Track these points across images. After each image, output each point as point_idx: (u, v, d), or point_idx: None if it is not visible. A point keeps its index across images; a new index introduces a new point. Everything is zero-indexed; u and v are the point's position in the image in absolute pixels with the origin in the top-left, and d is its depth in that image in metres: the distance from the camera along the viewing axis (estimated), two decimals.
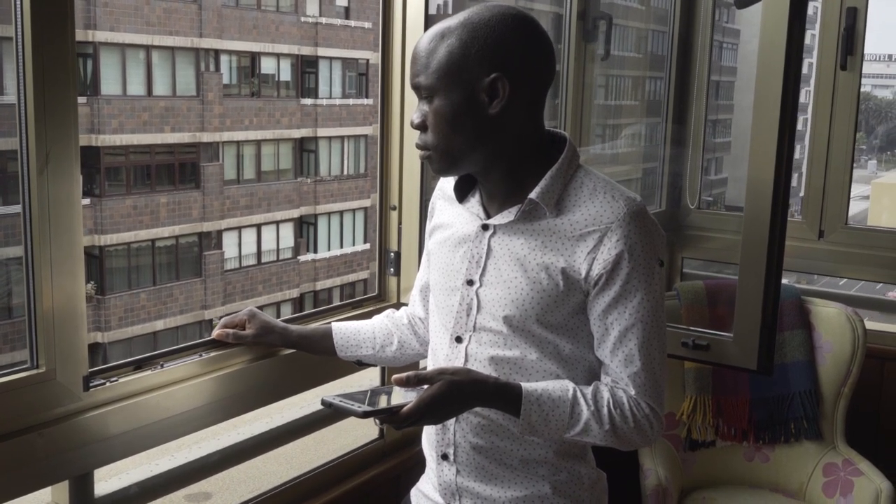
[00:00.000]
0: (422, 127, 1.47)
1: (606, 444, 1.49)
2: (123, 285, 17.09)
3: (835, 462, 2.81)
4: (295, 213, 20.03)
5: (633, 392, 1.46)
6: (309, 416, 2.16)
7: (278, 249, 19.82)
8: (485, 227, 1.52)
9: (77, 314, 1.59)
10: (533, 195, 1.45)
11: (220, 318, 1.72)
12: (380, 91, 2.33)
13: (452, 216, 1.59)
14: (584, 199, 1.45)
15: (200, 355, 1.83)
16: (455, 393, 1.39)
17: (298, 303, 20.13)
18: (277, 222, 19.70)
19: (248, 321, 1.81)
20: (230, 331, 1.80)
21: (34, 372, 1.56)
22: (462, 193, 1.57)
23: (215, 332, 1.81)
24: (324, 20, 20.19)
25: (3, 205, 14.55)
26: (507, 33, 1.40)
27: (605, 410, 1.44)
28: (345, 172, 20.80)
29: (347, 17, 20.79)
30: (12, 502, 1.58)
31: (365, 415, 1.36)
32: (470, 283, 1.52)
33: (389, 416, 1.38)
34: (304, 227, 20.46)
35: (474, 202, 1.55)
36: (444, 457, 1.58)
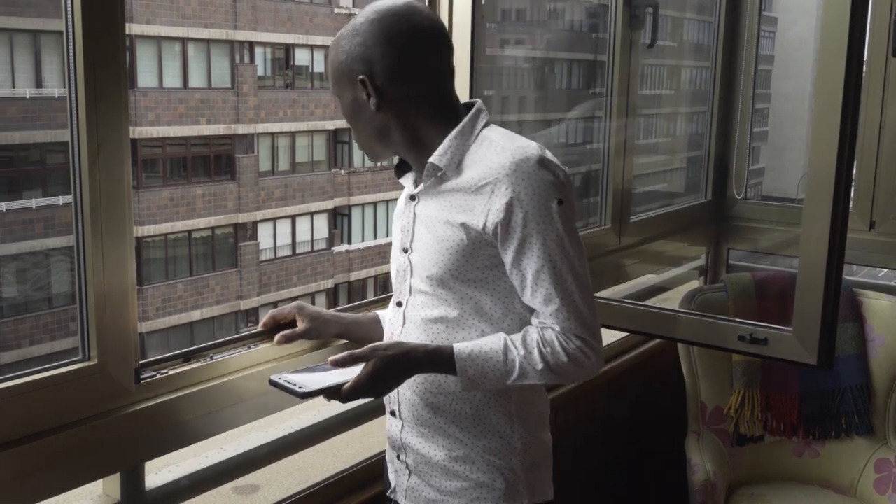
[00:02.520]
0: None
1: (550, 382, 1.57)
2: (161, 276, 17.25)
3: (887, 458, 2.76)
4: (329, 205, 20.08)
5: (558, 329, 1.51)
6: (356, 408, 2.14)
7: (313, 240, 19.90)
8: (412, 198, 1.63)
9: (128, 306, 1.59)
10: (432, 159, 1.55)
11: (263, 306, 1.74)
12: None
13: (403, 193, 1.70)
14: (481, 156, 1.53)
15: (249, 347, 1.82)
16: (389, 367, 1.49)
17: (333, 293, 20.21)
18: (312, 213, 19.77)
19: (298, 315, 1.81)
20: (287, 333, 1.79)
21: (86, 364, 1.56)
22: (403, 171, 1.68)
23: (277, 338, 1.79)
24: (357, 11, 20.19)
25: (44, 196, 14.74)
26: (371, 36, 1.53)
27: (535, 352, 1.51)
28: (378, 164, 20.82)
29: None
30: (64, 495, 1.58)
31: (304, 396, 1.45)
32: (405, 250, 1.63)
33: (333, 395, 1.48)
34: (339, 218, 20.52)
35: (409, 177, 1.67)
36: (393, 413, 1.69)
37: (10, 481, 1.45)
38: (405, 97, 1.55)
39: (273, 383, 1.50)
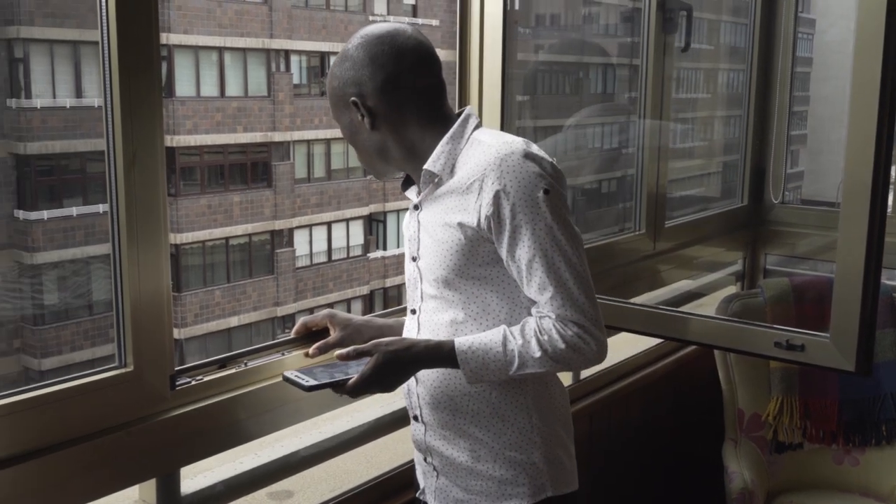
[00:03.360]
0: None
1: (551, 370, 1.59)
2: (198, 283, 17.40)
3: None
4: (364, 211, 20.15)
5: (554, 316, 1.54)
6: (389, 414, 2.15)
7: (348, 247, 19.97)
8: (415, 207, 1.69)
9: (163, 313, 1.61)
10: (426, 166, 1.62)
11: (296, 314, 1.77)
12: (457, 90, 2.31)
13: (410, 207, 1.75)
14: (470, 157, 1.59)
15: (283, 353, 1.83)
16: (392, 361, 1.54)
17: (368, 299, 20.26)
18: (347, 220, 19.85)
19: (330, 323, 1.83)
20: (321, 344, 1.80)
21: (122, 371, 1.58)
22: (408, 185, 1.76)
23: (311, 350, 1.80)
24: (391, 19, 20.28)
25: (84, 204, 14.95)
26: (357, 60, 1.61)
27: (533, 340, 1.54)
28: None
29: (415, 14, 20.85)
30: (100, 500, 1.60)
31: (309, 389, 1.52)
32: (414, 259, 1.70)
33: (340, 389, 1.54)
34: (374, 225, 20.58)
35: (412, 190, 1.74)
36: (416, 418, 1.73)
37: (48, 486, 1.47)
38: (396, 113, 1.62)
39: (285, 378, 1.57)
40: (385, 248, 20.67)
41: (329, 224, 19.58)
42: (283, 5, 18.32)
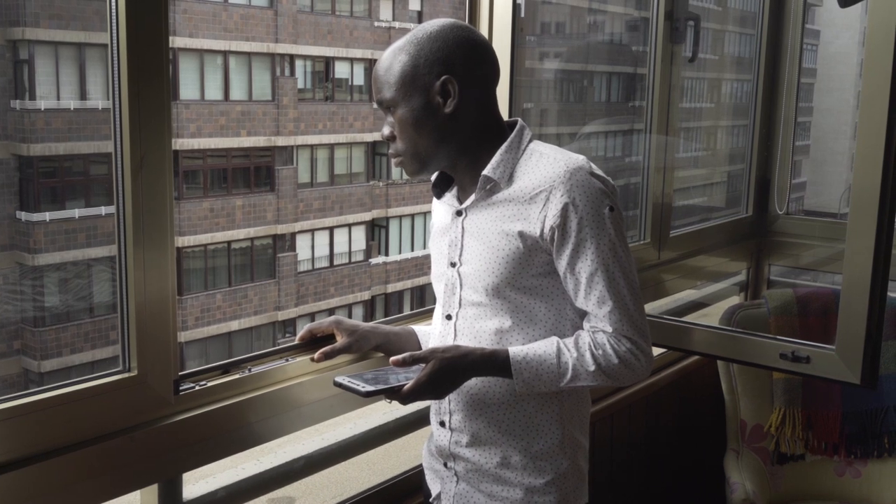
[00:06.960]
0: (391, 137, 1.65)
1: (601, 384, 1.60)
2: (200, 286, 17.40)
3: None
4: (367, 216, 20.17)
5: (610, 330, 1.57)
6: (392, 421, 2.14)
7: (350, 252, 19.99)
8: (458, 213, 1.68)
9: (168, 317, 1.60)
10: (486, 171, 1.61)
11: (301, 317, 1.75)
12: None
13: (441, 213, 1.76)
14: (532, 167, 1.60)
15: (287, 360, 1.82)
16: (448, 369, 1.54)
17: (370, 305, 20.26)
18: (350, 225, 19.87)
19: (337, 330, 1.82)
20: (327, 350, 1.77)
21: (126, 375, 1.57)
22: (441, 191, 1.73)
23: (317, 355, 1.78)
24: (397, 24, 20.31)
25: (86, 206, 14.96)
26: (448, 41, 1.58)
27: (587, 354, 1.56)
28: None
29: (420, 21, 20.88)
30: None
31: (367, 394, 1.51)
32: (452, 264, 1.68)
33: (394, 395, 1.53)
34: (376, 230, 20.60)
35: (450, 196, 1.71)
36: (442, 423, 1.72)
37: (50, 491, 1.47)
38: (474, 105, 1.61)
39: (337, 384, 1.55)
40: (387, 254, 20.68)
41: (331, 229, 19.60)
42: (288, 10, 18.36)
